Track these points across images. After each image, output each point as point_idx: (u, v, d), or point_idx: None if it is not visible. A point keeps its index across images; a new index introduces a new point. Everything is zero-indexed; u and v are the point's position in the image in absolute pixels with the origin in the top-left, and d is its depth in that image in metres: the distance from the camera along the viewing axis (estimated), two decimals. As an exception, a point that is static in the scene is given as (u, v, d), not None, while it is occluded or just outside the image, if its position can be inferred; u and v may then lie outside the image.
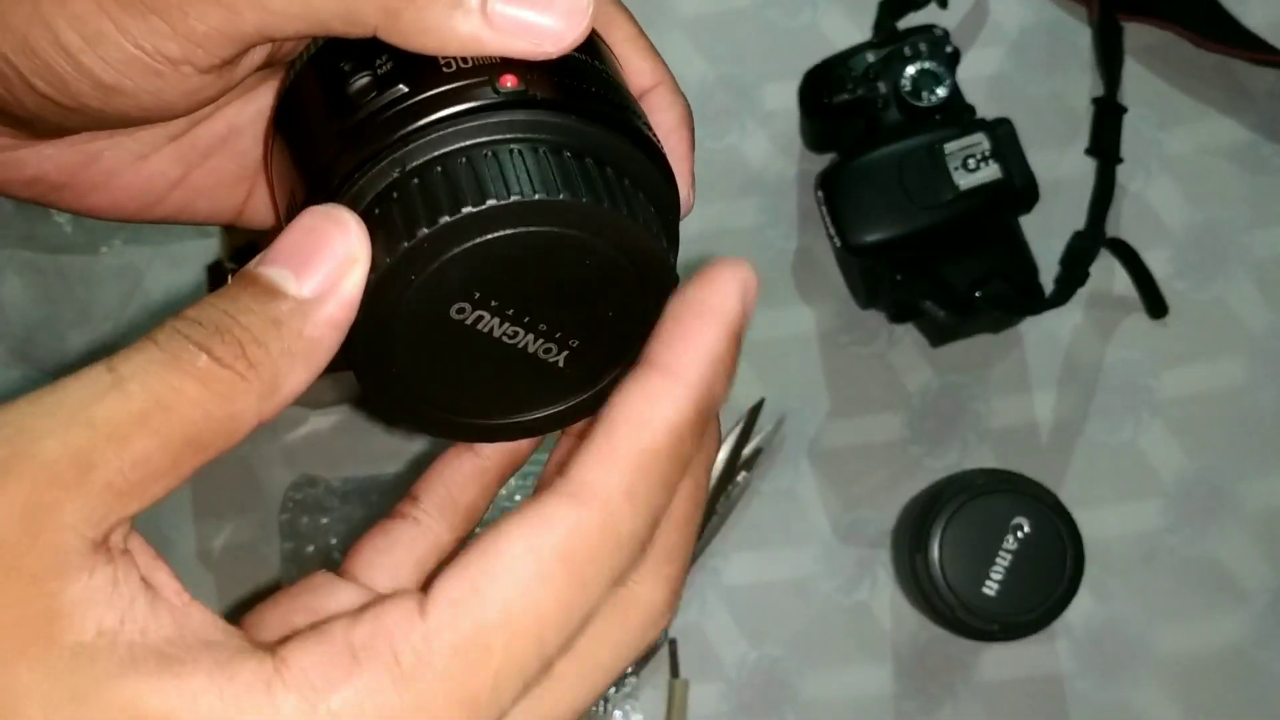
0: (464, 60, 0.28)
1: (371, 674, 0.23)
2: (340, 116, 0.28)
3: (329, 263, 0.26)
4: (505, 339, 0.29)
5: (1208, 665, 0.66)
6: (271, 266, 0.26)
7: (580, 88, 0.29)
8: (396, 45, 0.28)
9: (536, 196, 0.26)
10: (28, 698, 0.21)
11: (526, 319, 0.28)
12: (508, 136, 0.27)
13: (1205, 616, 0.66)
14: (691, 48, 0.74)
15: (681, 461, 0.26)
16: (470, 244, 0.27)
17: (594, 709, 0.65)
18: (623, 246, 0.28)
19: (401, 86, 0.28)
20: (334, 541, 0.67)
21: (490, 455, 0.35)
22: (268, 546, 0.69)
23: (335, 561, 0.67)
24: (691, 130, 0.35)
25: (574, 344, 0.29)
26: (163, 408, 0.23)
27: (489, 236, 0.27)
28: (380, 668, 0.23)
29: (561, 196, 0.27)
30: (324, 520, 0.67)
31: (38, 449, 0.22)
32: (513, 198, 0.26)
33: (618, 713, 0.66)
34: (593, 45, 0.31)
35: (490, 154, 0.27)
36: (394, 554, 0.33)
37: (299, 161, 0.30)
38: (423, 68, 0.28)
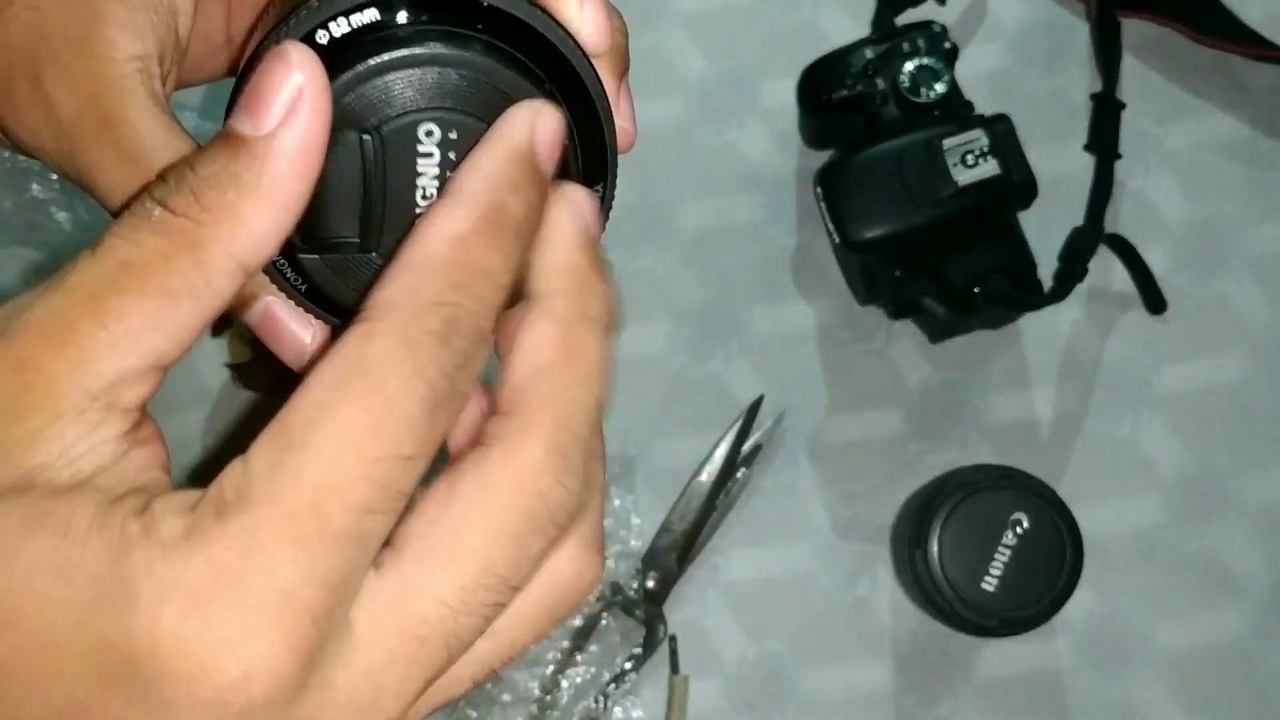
0: None
1: (202, 510, 0.24)
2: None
3: (277, 97, 0.26)
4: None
5: (1208, 660, 0.66)
6: (234, 116, 0.26)
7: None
8: None
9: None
10: None
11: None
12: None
13: (1205, 611, 0.66)
14: (691, 44, 0.74)
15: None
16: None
17: (593, 705, 0.66)
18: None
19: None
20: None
21: None
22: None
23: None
24: (619, 53, 0.32)
25: None
26: (128, 266, 0.25)
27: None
28: (210, 503, 0.24)
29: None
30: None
31: (26, 316, 0.25)
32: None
33: (618, 709, 0.66)
34: None
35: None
36: None
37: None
38: None
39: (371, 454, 0.24)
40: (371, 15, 0.28)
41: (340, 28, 0.28)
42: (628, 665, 0.66)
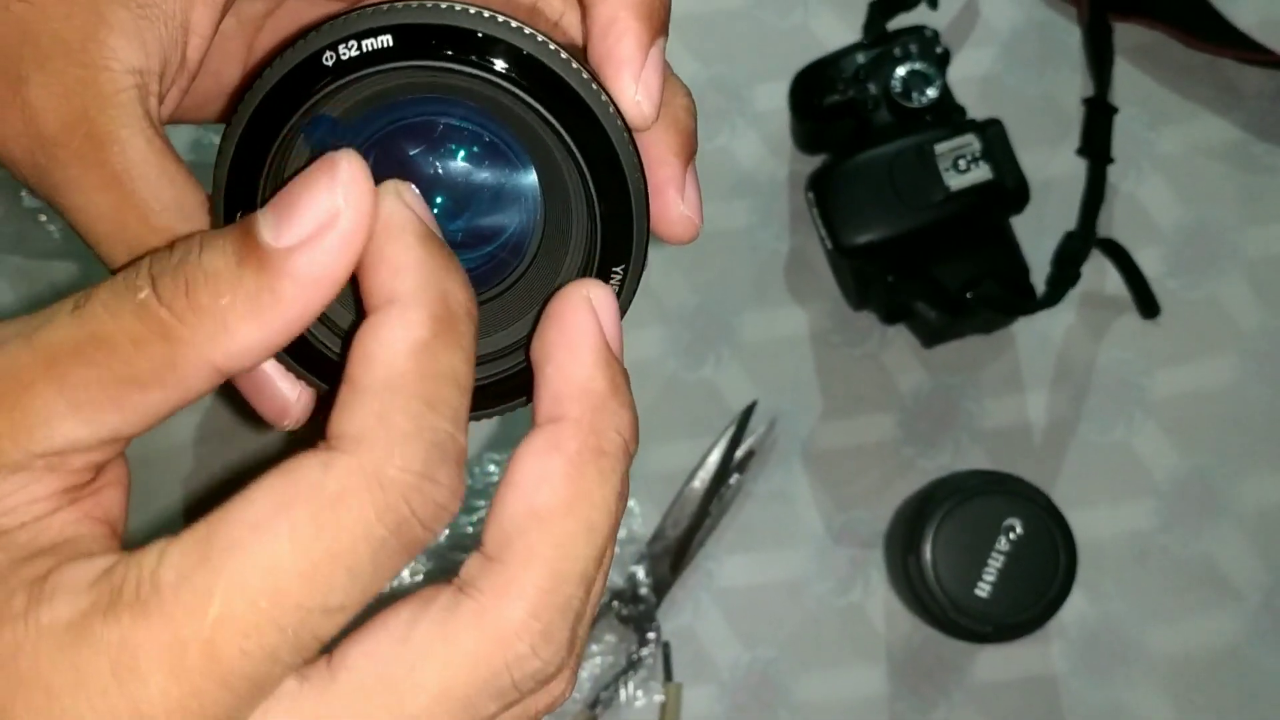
0: None
1: (95, 596, 0.22)
2: None
3: (309, 211, 0.23)
4: None
5: (1202, 664, 0.66)
6: (262, 213, 0.24)
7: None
8: None
9: None
10: None
11: None
12: None
13: (1199, 615, 0.66)
14: (683, 48, 0.74)
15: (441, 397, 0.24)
16: None
17: (588, 712, 0.65)
18: None
19: None
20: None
21: None
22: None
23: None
24: (649, 23, 0.30)
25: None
26: (99, 341, 0.23)
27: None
28: (105, 592, 0.22)
29: None
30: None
31: None
32: None
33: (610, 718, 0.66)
34: None
35: None
36: None
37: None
38: None
39: (293, 600, 0.21)
40: (386, 41, 0.26)
41: (350, 51, 0.27)
42: (623, 671, 0.66)
